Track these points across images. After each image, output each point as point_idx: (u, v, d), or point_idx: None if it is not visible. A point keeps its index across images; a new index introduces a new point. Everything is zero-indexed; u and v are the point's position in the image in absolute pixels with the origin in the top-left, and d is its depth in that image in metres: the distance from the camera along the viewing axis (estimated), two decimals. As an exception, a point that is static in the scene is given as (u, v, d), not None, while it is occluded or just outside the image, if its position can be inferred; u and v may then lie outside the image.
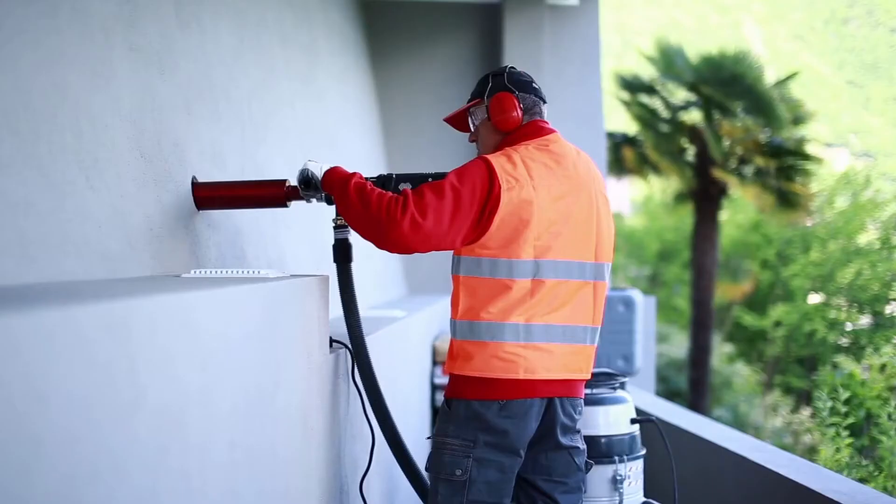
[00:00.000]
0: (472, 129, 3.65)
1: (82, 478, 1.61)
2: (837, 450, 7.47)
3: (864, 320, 22.69)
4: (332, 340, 3.60)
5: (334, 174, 3.41)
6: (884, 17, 59.55)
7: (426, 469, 3.49)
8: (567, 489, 3.47)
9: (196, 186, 3.66)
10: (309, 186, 3.55)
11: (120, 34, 3.23)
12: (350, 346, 3.65)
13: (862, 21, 60.91)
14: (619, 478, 4.33)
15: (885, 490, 6.92)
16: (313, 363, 3.24)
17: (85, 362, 1.62)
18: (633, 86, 17.82)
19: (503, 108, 3.47)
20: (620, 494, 4.34)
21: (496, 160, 3.25)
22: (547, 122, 3.53)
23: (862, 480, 7.03)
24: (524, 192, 3.21)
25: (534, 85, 3.56)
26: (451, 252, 3.35)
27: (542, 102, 3.56)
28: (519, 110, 3.47)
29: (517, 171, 3.23)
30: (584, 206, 3.37)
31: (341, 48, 7.81)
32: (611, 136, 17.41)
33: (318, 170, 3.51)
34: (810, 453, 13.61)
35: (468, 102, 3.62)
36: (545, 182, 3.27)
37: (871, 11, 60.73)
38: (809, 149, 17.98)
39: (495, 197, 3.17)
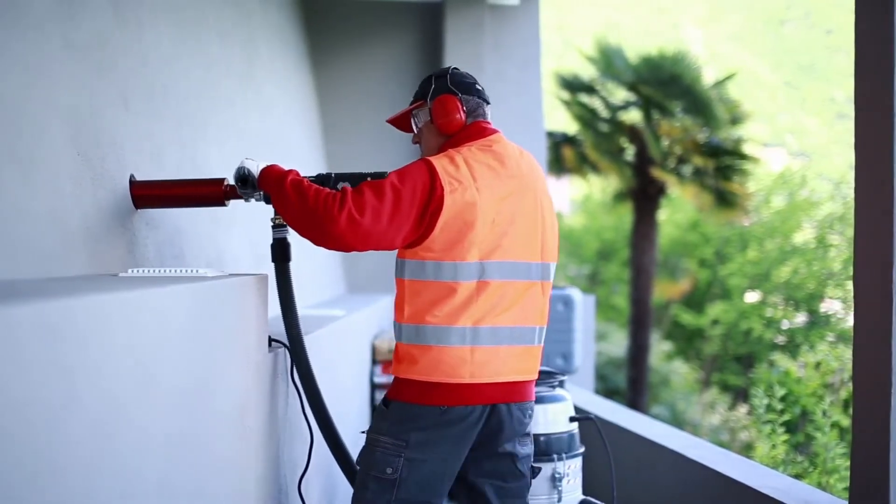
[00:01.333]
0: (416, 131, 3.65)
1: (17, 478, 1.60)
2: (773, 446, 7.55)
3: (800, 318, 22.94)
4: (270, 339, 3.59)
5: (271, 172, 3.39)
6: (820, 19, 60.25)
7: (357, 463, 3.48)
8: (509, 494, 3.47)
9: (134, 185, 3.64)
10: (246, 184, 3.53)
11: (56, 31, 3.20)
12: (288, 345, 3.65)
13: (799, 23, 61.58)
14: (557, 476, 4.36)
15: (819, 485, 7.00)
16: (251, 362, 3.23)
17: (19, 362, 1.61)
18: (573, 85, 17.88)
19: (446, 111, 3.46)
20: (559, 492, 4.37)
21: (438, 162, 3.25)
22: (489, 123, 3.53)
23: (797, 476, 7.12)
24: (467, 194, 3.20)
25: (477, 86, 3.55)
26: (393, 253, 3.35)
27: (485, 104, 3.55)
28: (462, 112, 3.46)
29: (460, 172, 3.23)
30: (528, 205, 3.38)
31: (281, 46, 7.78)
32: (551, 135, 17.46)
33: (255, 168, 3.49)
34: (747, 450, 13.74)
35: (411, 104, 3.62)
36: (488, 183, 3.27)
37: (807, 14, 61.42)
38: (747, 149, 18.13)
39: (437, 199, 3.17)
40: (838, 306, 22.01)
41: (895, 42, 3.32)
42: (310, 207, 3.17)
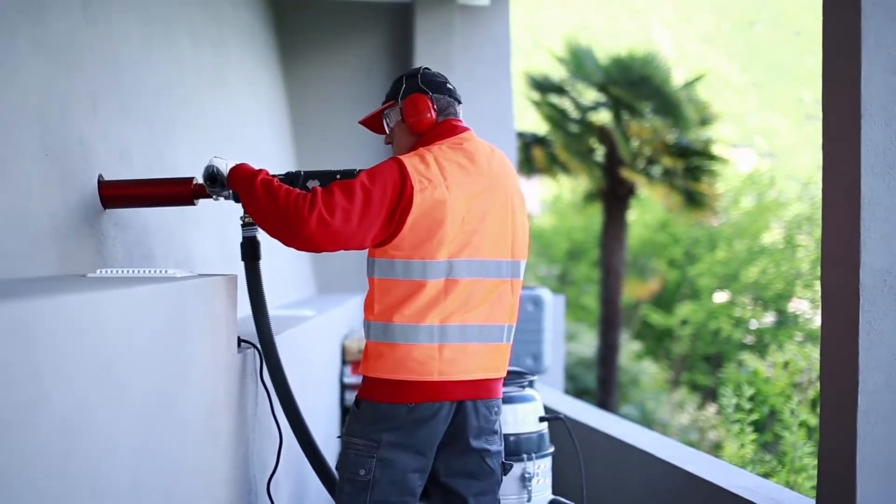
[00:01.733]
0: (388, 131, 3.64)
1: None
2: (742, 446, 7.59)
3: (769, 318, 23.06)
4: (240, 340, 3.58)
5: (240, 171, 3.38)
6: (789, 20, 60.48)
7: (336, 468, 3.49)
8: (479, 491, 3.47)
9: (102, 185, 3.62)
10: (215, 183, 3.52)
11: (25, 29, 3.18)
12: (259, 345, 3.64)
13: (768, 24, 61.80)
14: (527, 475, 4.36)
15: (787, 484, 7.03)
16: (221, 363, 3.22)
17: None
18: (543, 86, 17.88)
19: (417, 110, 3.46)
20: (529, 492, 4.37)
21: (409, 161, 3.25)
22: (461, 121, 3.53)
23: (765, 475, 7.15)
24: (437, 193, 3.21)
25: (448, 85, 3.56)
26: (364, 252, 3.35)
27: (456, 103, 3.55)
28: (433, 111, 3.47)
29: (430, 171, 3.24)
30: (499, 203, 3.39)
31: (251, 46, 7.76)
32: (521, 136, 17.45)
33: (224, 166, 3.48)
34: (716, 449, 13.80)
35: (382, 104, 3.61)
36: (459, 181, 3.27)
37: (777, 15, 61.65)
38: (716, 149, 18.23)
39: (407, 198, 3.17)
40: (806, 306, 22.15)
41: (862, 44, 3.35)
42: (280, 208, 3.16)
